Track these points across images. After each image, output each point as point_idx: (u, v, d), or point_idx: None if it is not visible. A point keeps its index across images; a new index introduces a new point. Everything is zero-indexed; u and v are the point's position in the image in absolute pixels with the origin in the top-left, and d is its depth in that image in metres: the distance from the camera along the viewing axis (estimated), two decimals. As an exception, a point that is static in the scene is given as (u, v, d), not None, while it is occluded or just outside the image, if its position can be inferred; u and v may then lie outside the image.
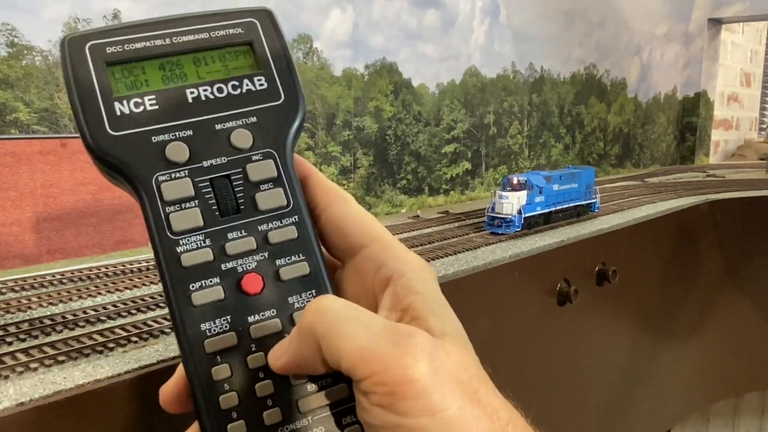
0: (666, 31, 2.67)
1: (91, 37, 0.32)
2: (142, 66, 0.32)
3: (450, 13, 1.63)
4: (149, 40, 0.33)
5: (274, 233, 0.32)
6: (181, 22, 0.34)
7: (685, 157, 2.87)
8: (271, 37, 0.35)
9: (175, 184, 0.31)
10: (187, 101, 0.32)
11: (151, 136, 0.31)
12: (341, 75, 1.37)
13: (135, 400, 0.56)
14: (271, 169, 0.33)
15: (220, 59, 0.34)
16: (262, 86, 0.34)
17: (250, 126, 0.33)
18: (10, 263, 0.91)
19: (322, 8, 1.32)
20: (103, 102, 0.31)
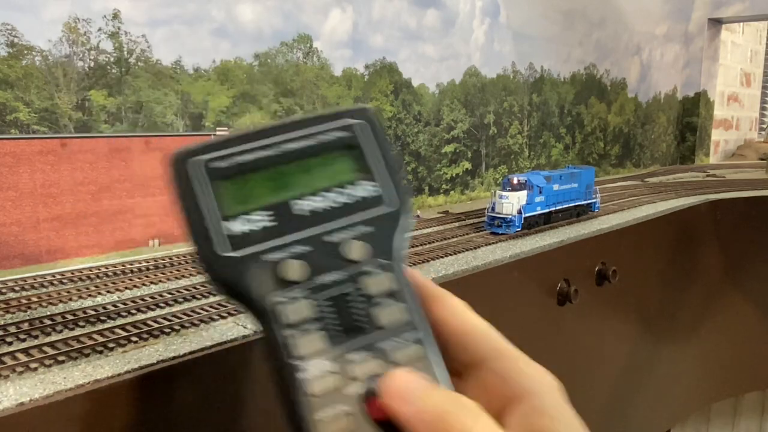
0: (666, 30, 2.67)
1: (197, 152, 0.31)
2: (249, 178, 0.31)
3: (450, 13, 1.63)
4: (255, 151, 0.31)
5: (399, 353, 0.30)
6: (285, 129, 0.32)
7: (685, 157, 2.87)
8: (374, 139, 0.33)
9: (291, 306, 0.30)
10: (296, 214, 0.31)
11: (262, 255, 0.30)
12: (341, 75, 1.37)
13: (135, 400, 0.56)
14: (389, 282, 0.31)
15: (327, 165, 0.32)
16: (368, 192, 0.32)
17: (362, 236, 0.31)
18: (9, 263, 0.91)
19: (321, 8, 1.32)
20: (212, 222, 0.30)
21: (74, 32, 0.95)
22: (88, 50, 0.97)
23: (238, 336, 0.66)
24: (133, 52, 1.02)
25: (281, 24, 1.24)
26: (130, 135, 1.03)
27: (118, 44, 1.00)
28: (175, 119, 1.09)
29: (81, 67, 0.96)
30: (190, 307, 0.76)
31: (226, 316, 0.73)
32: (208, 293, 0.82)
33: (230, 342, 0.65)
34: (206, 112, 1.13)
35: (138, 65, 1.03)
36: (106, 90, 0.99)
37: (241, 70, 1.18)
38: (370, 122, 0.33)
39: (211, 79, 1.13)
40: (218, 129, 1.15)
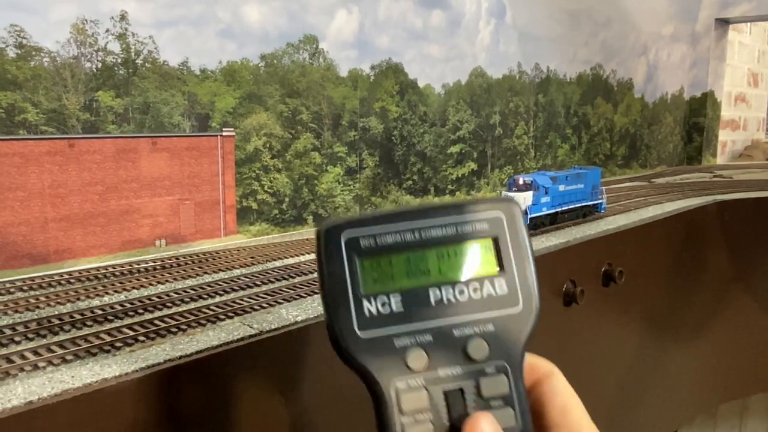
0: (672, 31, 2.66)
1: (350, 226, 0.32)
2: (390, 260, 0.32)
3: (456, 14, 1.62)
4: (400, 234, 0.32)
5: None
6: (430, 214, 0.33)
7: (692, 157, 2.86)
8: (514, 235, 0.33)
9: (412, 394, 0.31)
10: (429, 302, 0.32)
11: (394, 339, 0.31)
12: (347, 76, 1.37)
13: (142, 399, 0.56)
14: (503, 386, 0.32)
15: (463, 256, 0.33)
16: (502, 291, 0.32)
17: (487, 335, 0.32)
18: (18, 263, 0.91)
19: (327, 9, 1.32)
20: (353, 299, 0.31)
21: (82, 33, 0.95)
22: (96, 51, 0.97)
23: (244, 335, 0.66)
24: (141, 53, 1.03)
25: (287, 25, 1.25)
26: (137, 136, 1.03)
27: (126, 45, 1.01)
28: (182, 120, 1.09)
29: (89, 68, 0.97)
30: (197, 307, 0.77)
31: (232, 316, 0.73)
32: (214, 293, 0.83)
33: (237, 341, 0.65)
34: (213, 112, 1.14)
35: (145, 66, 1.03)
36: (113, 91, 1.00)
37: (247, 71, 1.18)
38: (511, 217, 0.33)
39: (217, 80, 1.14)
40: (224, 129, 1.15)
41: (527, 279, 0.33)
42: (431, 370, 0.31)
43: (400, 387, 0.31)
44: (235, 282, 0.88)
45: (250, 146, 1.20)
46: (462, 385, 0.31)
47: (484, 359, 0.32)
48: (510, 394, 0.32)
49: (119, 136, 1.01)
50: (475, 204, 0.33)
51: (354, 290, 0.31)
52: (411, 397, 0.31)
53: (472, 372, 0.32)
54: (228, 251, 1.07)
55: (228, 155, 1.16)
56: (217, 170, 1.15)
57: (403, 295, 0.32)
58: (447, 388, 0.31)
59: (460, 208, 0.33)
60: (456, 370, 0.31)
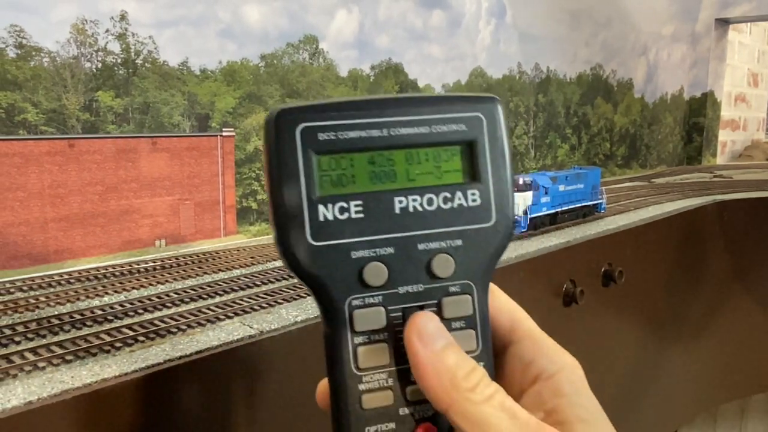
0: (673, 31, 2.66)
1: (304, 117, 0.27)
2: (351, 158, 0.28)
3: (456, 14, 1.62)
4: (364, 129, 0.28)
5: None
6: (402, 107, 0.29)
7: (692, 157, 2.86)
8: (494, 141, 0.29)
9: (368, 313, 0.28)
10: (393, 211, 0.28)
11: (352, 250, 0.28)
12: (347, 76, 1.37)
13: (142, 400, 0.56)
14: (467, 306, 0.29)
15: (435, 159, 0.29)
16: (474, 202, 0.29)
17: (454, 250, 0.29)
18: (18, 263, 0.91)
19: (327, 9, 1.32)
20: (307, 202, 0.27)
21: (82, 33, 0.95)
22: (96, 51, 0.97)
23: (244, 336, 0.66)
24: (140, 53, 1.03)
25: (287, 25, 1.25)
26: (137, 136, 1.03)
27: (126, 45, 1.01)
28: (182, 120, 1.09)
29: (88, 69, 0.97)
30: (197, 307, 0.77)
31: (232, 316, 0.73)
32: (214, 293, 0.83)
33: (236, 342, 0.65)
34: (213, 112, 1.14)
35: (145, 66, 1.03)
36: (113, 91, 1.00)
37: (247, 71, 1.18)
38: (492, 119, 0.29)
39: (217, 80, 1.14)
40: (224, 129, 1.15)
41: (503, 191, 0.29)
42: (391, 288, 0.28)
43: (355, 304, 0.28)
44: (235, 282, 0.88)
45: (250, 146, 1.20)
46: (423, 304, 0.29)
47: (449, 277, 0.29)
48: (473, 315, 0.29)
49: (119, 136, 1.01)
50: (454, 101, 0.29)
51: (308, 192, 0.27)
52: (366, 316, 0.28)
53: (435, 290, 0.29)
54: (228, 251, 1.07)
55: (228, 155, 1.16)
56: (217, 170, 1.15)
57: (364, 201, 0.28)
58: (406, 306, 0.28)
59: (436, 104, 0.29)
60: (418, 287, 0.29)
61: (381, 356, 0.28)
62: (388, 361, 0.28)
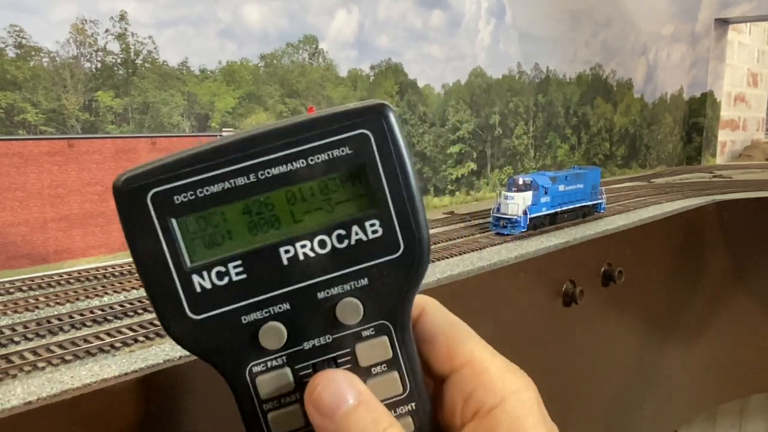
0: (672, 31, 2.66)
1: (152, 182, 0.24)
2: (222, 212, 0.24)
3: (455, 14, 1.62)
4: (227, 179, 0.24)
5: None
6: (268, 143, 0.24)
7: (692, 157, 2.86)
8: (387, 157, 0.25)
9: (272, 378, 0.26)
10: (281, 263, 0.25)
11: (241, 316, 0.25)
12: (347, 76, 1.37)
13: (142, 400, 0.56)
14: (384, 350, 0.26)
15: (322, 192, 0.25)
16: (375, 233, 0.25)
17: (360, 291, 0.25)
18: (17, 263, 0.91)
19: (327, 9, 1.32)
20: (178, 276, 0.24)
21: (81, 33, 0.95)
22: (96, 51, 0.97)
23: (244, 336, 0.66)
24: (140, 53, 1.03)
25: (287, 25, 1.25)
26: (136, 136, 1.03)
27: (125, 45, 1.01)
28: (182, 120, 1.09)
29: (88, 68, 0.97)
30: (197, 307, 0.77)
31: (232, 316, 0.73)
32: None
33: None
34: (212, 112, 1.14)
35: (145, 66, 1.03)
36: (113, 91, 1.00)
37: (247, 71, 1.18)
38: (381, 133, 0.25)
39: (217, 80, 1.14)
40: (224, 129, 1.15)
41: (408, 212, 0.25)
42: (294, 345, 0.25)
43: (256, 370, 0.26)
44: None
45: (250, 146, 1.20)
46: (334, 355, 0.26)
47: (358, 323, 0.26)
48: (393, 357, 0.26)
49: (119, 136, 1.01)
50: (330, 120, 0.24)
51: (177, 264, 0.24)
52: (270, 381, 0.26)
53: (346, 338, 0.26)
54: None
55: (228, 155, 1.16)
56: (216, 170, 1.15)
57: (244, 260, 0.24)
58: (315, 362, 0.26)
59: (309, 130, 0.24)
60: (325, 339, 0.26)
61: (296, 419, 0.26)
62: (303, 422, 0.26)
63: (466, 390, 0.27)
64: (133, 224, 0.24)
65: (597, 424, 1.39)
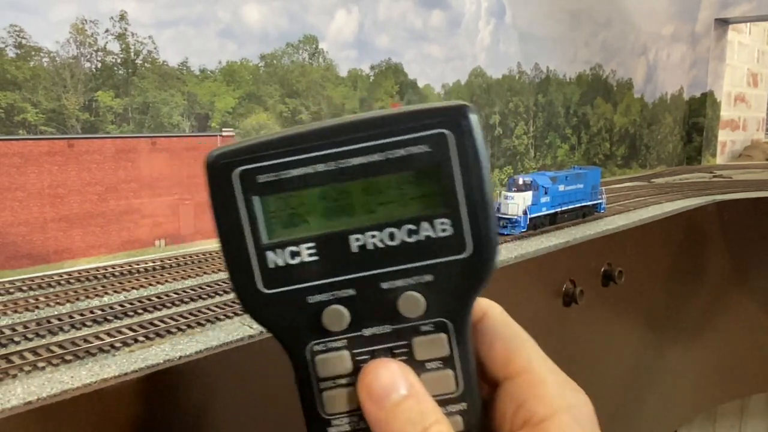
0: (672, 31, 2.66)
1: (240, 160, 0.26)
2: (300, 197, 0.26)
3: (455, 14, 1.62)
4: (310, 164, 0.25)
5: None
6: (351, 133, 0.25)
7: (692, 157, 2.86)
8: (464, 159, 0.25)
9: (330, 358, 0.27)
10: (350, 250, 0.26)
11: (307, 296, 0.26)
12: (347, 76, 1.37)
13: (142, 400, 0.56)
14: (441, 347, 0.27)
15: (396, 186, 0.26)
16: (444, 232, 0.26)
17: (423, 287, 0.26)
18: (17, 263, 0.91)
19: (327, 9, 1.32)
20: (255, 251, 0.26)
21: (81, 33, 0.95)
22: (96, 51, 0.97)
23: (244, 336, 0.66)
24: (140, 53, 1.03)
25: (287, 25, 1.25)
26: (136, 136, 1.03)
27: (125, 45, 1.01)
28: (182, 120, 1.09)
29: (88, 68, 0.97)
30: (197, 307, 0.77)
31: (232, 316, 0.73)
32: (214, 293, 0.82)
33: (237, 342, 0.65)
34: (212, 112, 1.14)
35: (145, 66, 1.03)
36: (113, 91, 1.00)
37: (247, 71, 1.18)
38: (461, 134, 0.25)
39: (217, 80, 1.14)
40: (224, 130, 1.15)
41: (479, 216, 0.26)
42: (354, 330, 0.26)
43: (316, 349, 0.27)
44: (235, 282, 0.88)
45: (250, 146, 1.20)
46: (391, 346, 0.27)
47: (418, 317, 0.26)
48: (449, 356, 0.27)
49: (119, 136, 1.01)
50: (411, 117, 0.25)
51: (255, 240, 0.26)
52: (329, 361, 0.27)
53: (405, 330, 0.26)
54: (228, 251, 1.07)
55: (228, 155, 1.16)
56: (216, 170, 1.15)
57: (317, 242, 0.26)
58: (374, 349, 0.27)
59: (391, 125, 0.25)
60: (384, 328, 0.26)
61: (349, 401, 0.27)
62: (356, 405, 0.27)
63: (519, 398, 0.27)
64: (219, 198, 0.26)
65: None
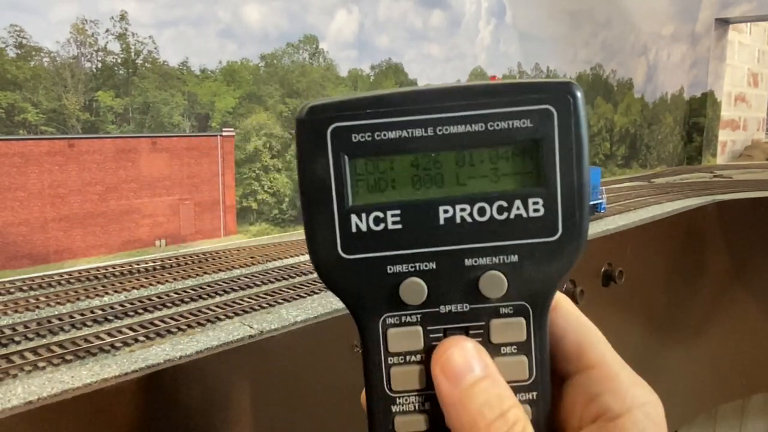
0: (672, 31, 2.66)
1: (336, 116, 0.24)
2: (392, 161, 0.25)
3: (456, 14, 1.62)
4: (406, 128, 0.24)
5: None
6: (452, 100, 0.24)
7: (692, 157, 2.86)
8: (566, 138, 0.24)
9: (403, 333, 0.26)
10: (437, 222, 0.25)
11: (388, 265, 0.25)
12: (347, 76, 1.37)
13: (142, 400, 0.56)
14: (519, 331, 0.26)
15: (491, 161, 0.25)
16: (536, 212, 0.25)
17: (507, 267, 0.25)
18: (18, 263, 0.91)
19: (327, 9, 1.32)
20: (338, 212, 0.25)
21: (82, 33, 0.95)
22: (96, 51, 0.97)
23: (244, 336, 0.66)
24: (140, 53, 1.03)
25: (287, 25, 1.25)
26: (137, 136, 1.03)
27: (126, 45, 1.01)
28: (182, 120, 1.09)
29: (88, 68, 0.97)
30: (197, 307, 0.77)
31: (232, 316, 0.73)
32: (214, 293, 0.82)
33: (237, 342, 0.65)
34: (213, 112, 1.14)
35: (145, 66, 1.03)
36: (113, 91, 1.00)
37: (247, 71, 1.18)
38: (566, 111, 0.24)
39: (217, 79, 1.14)
40: (224, 129, 1.15)
41: (574, 199, 0.25)
42: (431, 306, 0.26)
43: (390, 322, 0.26)
44: (235, 282, 0.88)
45: (250, 146, 1.20)
46: (467, 325, 0.26)
47: (499, 298, 0.25)
48: (526, 341, 0.26)
49: (119, 136, 1.01)
50: (518, 90, 0.25)
51: (339, 200, 0.25)
52: (402, 336, 0.26)
53: (483, 311, 0.26)
54: (228, 251, 1.07)
55: (228, 155, 1.16)
56: (217, 170, 1.15)
57: (403, 210, 0.25)
58: (448, 327, 0.26)
59: (495, 95, 0.24)
60: (462, 307, 0.26)
61: (417, 379, 0.26)
62: (424, 384, 0.26)
63: (591, 392, 0.26)
64: (308, 153, 0.25)
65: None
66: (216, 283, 0.87)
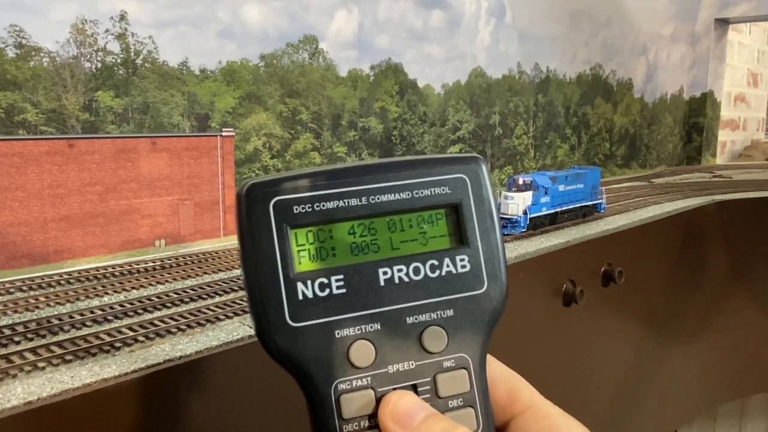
0: (672, 31, 2.66)
1: (277, 190, 0.26)
2: (330, 230, 0.27)
3: (455, 14, 1.62)
4: (342, 199, 0.27)
5: None
6: (380, 173, 0.27)
7: (692, 157, 2.86)
8: (480, 202, 0.28)
9: (356, 397, 0.26)
10: (378, 283, 0.27)
11: (335, 329, 0.26)
12: (347, 76, 1.37)
13: (141, 400, 0.56)
14: (463, 383, 0.27)
15: (419, 225, 0.28)
16: (464, 268, 0.27)
17: (445, 322, 0.27)
18: (18, 263, 0.91)
19: (327, 9, 1.32)
20: (284, 281, 0.26)
21: (81, 33, 0.95)
22: (96, 51, 0.97)
23: (244, 336, 0.66)
24: (140, 53, 1.03)
25: (287, 25, 1.25)
26: (136, 136, 1.03)
27: (125, 45, 1.01)
28: (182, 120, 1.09)
29: (88, 69, 0.97)
30: (197, 307, 0.77)
31: (232, 316, 0.73)
32: (214, 293, 0.82)
33: (236, 342, 0.65)
34: (212, 112, 1.14)
35: (145, 66, 1.03)
36: (113, 91, 1.00)
37: (247, 71, 1.18)
38: (476, 179, 0.28)
39: (217, 80, 1.14)
40: (224, 129, 1.15)
41: (493, 254, 0.28)
42: (379, 366, 0.26)
43: (342, 388, 0.26)
44: (235, 282, 0.88)
45: (250, 146, 1.20)
46: (415, 383, 0.27)
47: (441, 351, 0.27)
48: (470, 391, 0.27)
49: (119, 137, 1.01)
50: (435, 163, 0.28)
51: (285, 270, 0.26)
52: (355, 400, 0.26)
53: (428, 366, 0.27)
54: (228, 251, 1.07)
55: (228, 155, 1.16)
56: (216, 170, 1.15)
57: (346, 275, 0.26)
58: (397, 386, 0.27)
59: (416, 168, 0.28)
60: (409, 365, 0.27)
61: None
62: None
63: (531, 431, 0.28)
64: (251, 227, 0.26)
65: (596, 424, 1.39)
66: (216, 283, 0.87)
